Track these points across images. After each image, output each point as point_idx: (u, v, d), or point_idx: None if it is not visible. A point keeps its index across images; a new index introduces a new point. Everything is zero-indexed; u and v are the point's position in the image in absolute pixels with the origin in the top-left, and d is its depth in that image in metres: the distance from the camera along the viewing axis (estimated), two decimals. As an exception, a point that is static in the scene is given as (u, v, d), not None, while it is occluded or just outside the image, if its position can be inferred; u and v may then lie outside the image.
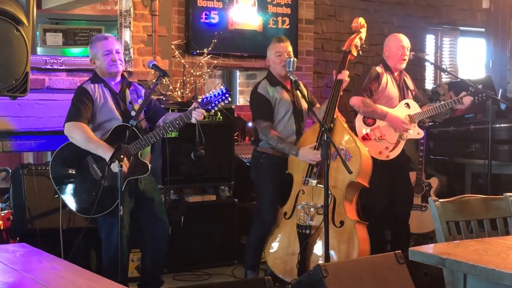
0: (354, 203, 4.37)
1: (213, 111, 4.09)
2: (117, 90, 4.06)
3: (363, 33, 4.73)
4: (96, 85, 4.02)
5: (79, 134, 3.88)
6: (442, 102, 4.95)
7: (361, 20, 4.74)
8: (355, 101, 4.78)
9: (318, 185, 4.28)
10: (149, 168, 3.99)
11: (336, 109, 4.40)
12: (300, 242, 4.31)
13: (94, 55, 4.05)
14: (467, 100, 4.78)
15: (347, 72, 4.50)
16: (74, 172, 3.97)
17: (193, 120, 3.92)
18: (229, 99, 3.99)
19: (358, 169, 4.19)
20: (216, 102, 3.96)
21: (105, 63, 4.00)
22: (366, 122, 4.81)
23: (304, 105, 4.54)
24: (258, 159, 4.52)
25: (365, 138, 4.74)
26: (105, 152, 3.81)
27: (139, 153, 3.92)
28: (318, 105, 4.68)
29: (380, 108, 4.78)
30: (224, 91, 3.96)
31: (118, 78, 4.10)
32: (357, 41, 4.67)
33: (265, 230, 4.49)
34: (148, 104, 4.04)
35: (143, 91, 4.19)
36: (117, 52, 4.03)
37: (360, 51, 4.73)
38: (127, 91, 4.10)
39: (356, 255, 4.13)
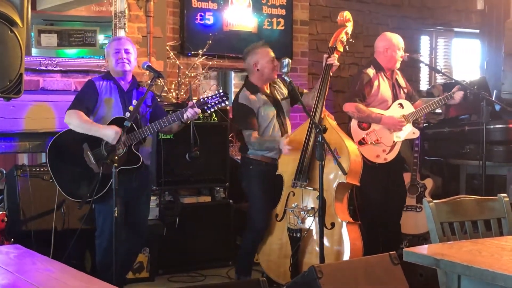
0: (345, 203, 4.35)
1: (209, 112, 4.13)
2: (125, 89, 4.14)
3: (349, 27, 4.60)
4: (105, 80, 4.13)
5: (75, 119, 3.98)
6: (436, 99, 4.92)
7: (347, 14, 4.63)
8: (348, 107, 4.75)
9: (307, 187, 4.27)
10: (141, 159, 4.01)
11: (324, 108, 4.38)
12: (291, 245, 4.31)
13: (107, 54, 4.19)
14: (459, 95, 4.77)
15: (336, 56, 4.44)
16: (69, 158, 4.04)
17: (185, 117, 3.96)
18: (226, 102, 4.05)
19: (347, 169, 4.16)
20: (213, 103, 4.03)
21: (113, 61, 4.10)
22: (361, 126, 4.78)
23: (286, 106, 4.57)
24: (248, 166, 4.51)
25: (362, 142, 4.71)
26: (99, 130, 3.93)
27: (133, 145, 3.97)
28: (305, 91, 4.68)
29: (374, 112, 4.76)
30: (222, 93, 4.05)
31: (129, 79, 4.18)
32: (342, 36, 4.54)
33: (257, 237, 4.47)
34: (154, 108, 4.13)
35: (151, 97, 4.22)
36: (127, 52, 4.12)
37: (347, 46, 4.62)
38: (134, 91, 4.17)
39: (347, 256, 4.13)
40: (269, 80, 4.52)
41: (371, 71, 4.81)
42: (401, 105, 4.86)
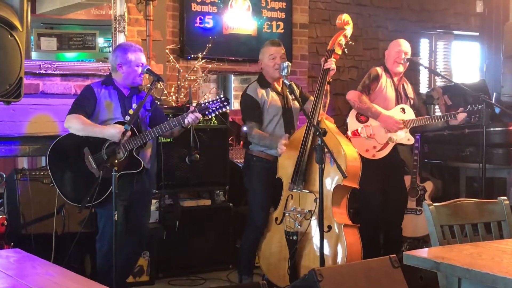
0: (344, 206, 4.33)
1: (209, 116, 4.13)
2: (125, 94, 4.13)
3: (348, 30, 4.58)
4: (105, 86, 4.10)
5: (76, 122, 3.96)
6: (437, 115, 4.95)
7: (346, 17, 4.61)
8: (352, 95, 4.78)
9: (303, 190, 4.27)
10: (143, 164, 4.01)
11: (322, 111, 4.38)
12: (289, 248, 4.29)
13: (125, 61, 4.07)
14: (461, 116, 4.79)
15: (333, 60, 4.43)
16: (69, 162, 4.03)
17: (186, 122, 3.97)
18: (227, 107, 4.04)
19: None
20: (214, 108, 4.02)
21: (134, 74, 4.07)
22: (358, 118, 4.82)
23: (296, 108, 4.55)
24: (250, 162, 4.52)
25: (355, 134, 4.74)
26: (102, 131, 3.92)
27: (134, 149, 3.96)
28: (311, 98, 4.68)
29: (374, 107, 4.78)
30: (223, 98, 4.04)
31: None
32: (341, 39, 4.52)
33: (257, 234, 4.47)
34: (154, 111, 4.12)
35: (150, 101, 4.22)
36: (144, 67, 4.13)
37: (346, 49, 4.60)
38: (134, 96, 4.16)
39: (344, 259, 4.11)
40: (273, 78, 4.52)
41: (379, 69, 4.87)
42: (403, 110, 4.87)
